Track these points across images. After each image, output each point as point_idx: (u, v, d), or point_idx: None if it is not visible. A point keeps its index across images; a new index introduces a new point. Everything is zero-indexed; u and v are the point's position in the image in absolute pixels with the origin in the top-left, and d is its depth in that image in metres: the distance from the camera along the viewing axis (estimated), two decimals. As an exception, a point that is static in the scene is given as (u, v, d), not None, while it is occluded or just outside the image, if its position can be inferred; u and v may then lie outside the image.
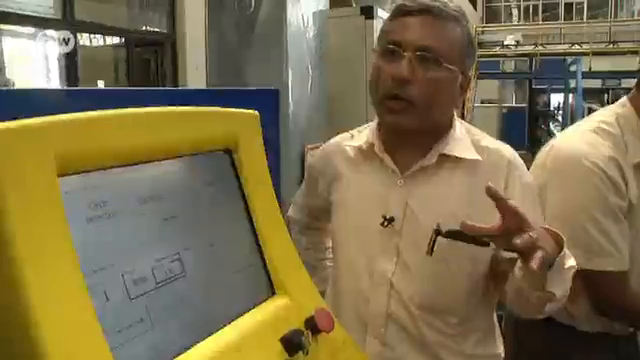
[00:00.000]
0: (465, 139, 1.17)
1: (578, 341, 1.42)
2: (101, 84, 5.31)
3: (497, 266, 1.14)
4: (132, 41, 5.28)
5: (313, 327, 0.87)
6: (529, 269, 0.89)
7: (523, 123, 12.05)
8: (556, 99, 13.77)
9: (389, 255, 1.16)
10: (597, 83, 14.22)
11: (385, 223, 1.15)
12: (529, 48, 11.13)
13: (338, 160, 1.27)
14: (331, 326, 0.90)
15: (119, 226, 0.69)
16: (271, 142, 1.09)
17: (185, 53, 5.39)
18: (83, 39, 5.26)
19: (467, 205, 1.11)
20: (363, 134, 1.24)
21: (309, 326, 0.87)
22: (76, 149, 0.65)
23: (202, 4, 3.27)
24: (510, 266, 1.08)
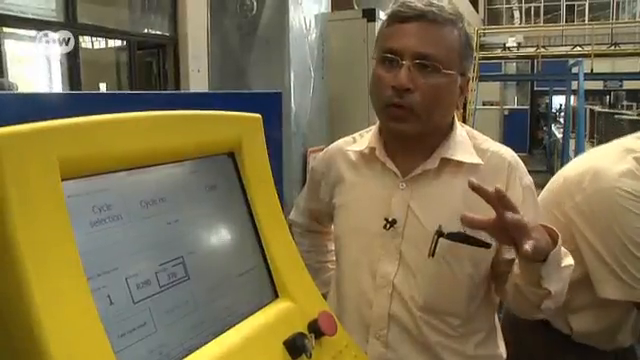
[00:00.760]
0: (466, 142, 1.17)
1: (577, 344, 1.43)
2: (103, 87, 5.33)
3: (498, 267, 1.16)
4: (134, 44, 5.29)
5: (316, 330, 0.87)
6: (523, 255, 0.92)
7: (525, 125, 12.07)
8: (558, 101, 13.79)
9: (391, 257, 1.16)
10: (599, 85, 14.22)
11: (387, 226, 1.15)
12: (531, 50, 11.16)
13: (340, 164, 1.27)
14: (334, 330, 0.90)
15: (123, 230, 0.69)
16: (274, 145, 1.09)
17: (187, 56, 5.40)
18: (85, 42, 5.27)
19: (468, 207, 1.11)
20: (365, 138, 1.25)
21: (312, 329, 0.87)
22: (79, 153, 0.65)
23: (204, 7, 3.28)
24: (510, 267, 1.10)
